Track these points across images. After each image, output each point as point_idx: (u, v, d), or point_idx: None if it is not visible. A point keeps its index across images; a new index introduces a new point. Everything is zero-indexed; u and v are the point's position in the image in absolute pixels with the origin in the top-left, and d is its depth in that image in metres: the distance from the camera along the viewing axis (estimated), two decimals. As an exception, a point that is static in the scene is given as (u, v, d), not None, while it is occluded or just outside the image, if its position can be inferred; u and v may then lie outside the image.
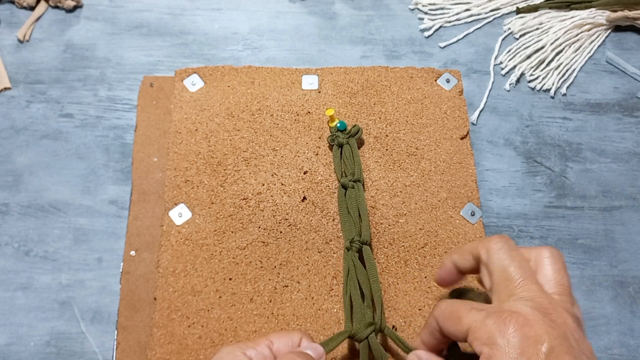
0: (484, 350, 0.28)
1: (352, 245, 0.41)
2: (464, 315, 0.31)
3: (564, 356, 0.27)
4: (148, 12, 0.57)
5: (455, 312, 0.32)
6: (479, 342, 0.29)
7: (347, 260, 0.41)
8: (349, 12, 0.58)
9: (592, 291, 0.45)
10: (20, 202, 0.47)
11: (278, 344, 0.33)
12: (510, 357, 0.27)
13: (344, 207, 0.44)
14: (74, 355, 0.42)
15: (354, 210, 0.43)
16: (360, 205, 0.43)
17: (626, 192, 0.50)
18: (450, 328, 0.32)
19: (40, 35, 0.55)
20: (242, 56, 0.55)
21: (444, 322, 0.32)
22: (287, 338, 0.34)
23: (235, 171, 0.47)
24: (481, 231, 0.45)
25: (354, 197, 0.44)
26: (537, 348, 0.27)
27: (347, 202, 0.44)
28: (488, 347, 0.28)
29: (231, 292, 0.42)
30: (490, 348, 0.28)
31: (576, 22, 0.56)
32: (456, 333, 0.31)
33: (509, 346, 0.28)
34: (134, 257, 0.44)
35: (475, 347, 0.29)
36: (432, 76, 0.52)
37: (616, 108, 0.54)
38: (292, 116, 0.50)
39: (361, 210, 0.43)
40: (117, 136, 0.50)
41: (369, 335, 0.37)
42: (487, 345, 0.28)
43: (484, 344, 0.29)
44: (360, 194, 0.44)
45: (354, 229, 0.43)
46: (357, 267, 0.40)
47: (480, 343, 0.29)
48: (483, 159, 0.51)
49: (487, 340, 0.29)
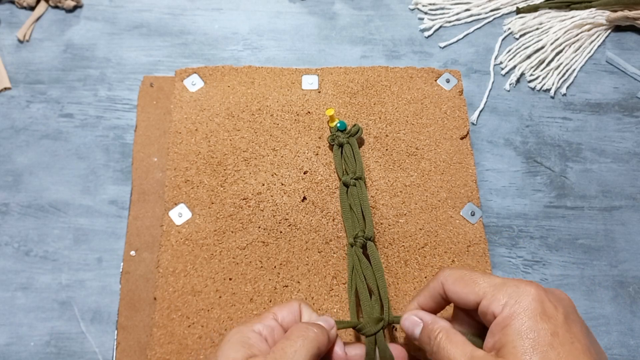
0: (505, 310, 0.30)
1: (356, 241, 0.42)
2: (480, 279, 0.33)
3: (576, 323, 0.30)
4: (148, 12, 0.57)
5: (468, 275, 0.33)
6: (498, 302, 0.31)
7: (352, 256, 0.41)
8: (349, 12, 0.58)
9: (592, 291, 0.45)
10: (20, 202, 0.47)
11: (281, 314, 0.34)
12: (532, 314, 0.29)
13: (346, 205, 0.44)
14: (74, 355, 0.42)
15: (356, 207, 0.43)
16: (362, 202, 0.44)
17: (626, 192, 0.50)
18: (462, 290, 0.33)
19: (40, 35, 0.55)
20: (242, 56, 0.55)
21: (454, 284, 0.33)
22: (288, 308, 0.35)
23: (235, 171, 0.47)
24: (481, 231, 0.45)
25: (356, 195, 0.44)
26: (556, 310, 0.30)
27: (350, 200, 0.44)
28: (509, 306, 0.30)
29: (231, 292, 0.42)
30: (510, 307, 0.30)
31: (576, 22, 0.56)
32: (467, 296, 0.32)
33: (531, 306, 0.30)
34: (134, 257, 0.44)
35: (494, 307, 0.31)
36: (432, 76, 0.52)
37: (616, 108, 0.54)
38: (292, 116, 0.50)
39: (364, 207, 0.43)
40: (117, 136, 0.50)
41: (378, 331, 0.37)
42: (508, 305, 0.30)
43: (505, 304, 0.30)
44: (363, 191, 0.44)
45: (357, 225, 0.43)
46: (362, 262, 0.40)
47: (499, 304, 0.30)
48: (483, 159, 0.51)
49: (508, 300, 0.30)
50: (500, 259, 0.46)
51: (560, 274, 0.46)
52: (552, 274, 0.46)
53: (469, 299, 0.32)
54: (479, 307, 0.32)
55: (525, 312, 0.30)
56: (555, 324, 0.29)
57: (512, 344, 0.29)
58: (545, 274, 0.46)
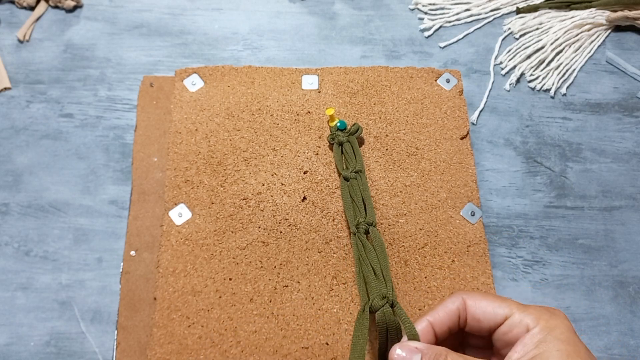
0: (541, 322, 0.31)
1: (359, 228, 0.42)
2: (505, 299, 0.33)
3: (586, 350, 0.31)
4: (148, 12, 0.57)
5: (492, 295, 0.34)
6: (532, 316, 0.31)
7: (356, 244, 0.42)
8: (349, 12, 0.58)
9: (592, 291, 0.45)
10: (20, 202, 0.47)
11: None
12: (568, 329, 0.31)
13: (347, 197, 0.44)
14: (74, 355, 0.42)
15: (357, 197, 0.44)
16: (363, 192, 0.44)
17: (626, 192, 0.50)
18: (491, 304, 0.33)
19: (40, 35, 0.55)
20: (242, 56, 0.55)
21: (479, 300, 0.33)
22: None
23: (235, 171, 0.47)
24: (481, 231, 0.45)
25: (357, 187, 0.44)
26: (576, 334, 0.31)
27: (351, 192, 0.44)
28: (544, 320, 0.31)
29: (231, 292, 0.42)
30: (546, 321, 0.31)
31: (576, 22, 0.56)
32: (496, 310, 0.32)
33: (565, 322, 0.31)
34: (134, 257, 0.44)
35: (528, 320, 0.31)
36: (432, 76, 0.52)
37: (616, 108, 0.54)
38: (292, 116, 0.50)
39: (365, 196, 0.44)
40: (117, 136, 0.50)
41: (383, 306, 0.37)
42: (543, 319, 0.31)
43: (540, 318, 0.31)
44: (364, 182, 0.44)
45: (358, 214, 0.43)
46: (367, 247, 0.41)
47: (533, 317, 0.31)
48: (483, 159, 0.51)
49: (542, 315, 0.31)
50: (500, 259, 0.46)
51: (560, 274, 0.46)
52: (552, 274, 0.46)
53: (498, 313, 0.32)
54: (507, 321, 0.32)
55: (562, 325, 0.31)
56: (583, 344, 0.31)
57: (555, 351, 0.29)
58: (545, 274, 0.46)
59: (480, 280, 0.43)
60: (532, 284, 0.45)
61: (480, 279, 0.43)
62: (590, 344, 0.43)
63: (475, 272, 0.43)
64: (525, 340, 0.31)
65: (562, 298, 0.45)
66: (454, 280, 0.43)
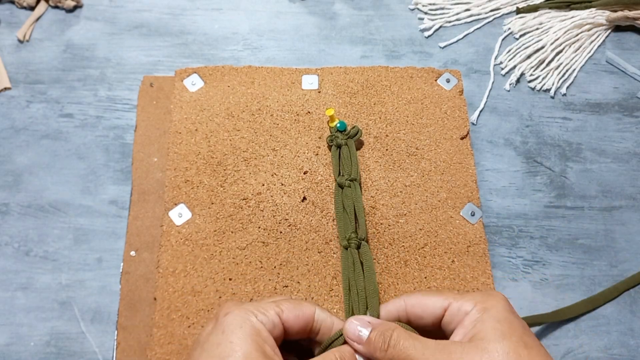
0: (478, 305, 0.32)
1: (350, 243, 0.42)
2: (441, 291, 0.36)
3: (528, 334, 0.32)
4: (148, 12, 0.57)
5: (428, 291, 0.36)
6: (469, 302, 0.32)
7: (346, 260, 0.41)
8: (349, 12, 0.58)
9: (592, 291, 0.45)
10: (20, 202, 0.47)
11: (288, 314, 0.33)
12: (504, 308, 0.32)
13: (340, 206, 0.44)
14: (74, 355, 0.42)
15: (349, 208, 0.43)
16: (356, 203, 0.43)
17: (626, 192, 0.50)
18: (429, 300, 0.34)
19: (40, 35, 0.55)
20: (242, 56, 0.55)
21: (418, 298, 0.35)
22: (298, 310, 0.34)
23: (235, 171, 0.47)
24: (481, 231, 0.45)
25: (350, 196, 0.44)
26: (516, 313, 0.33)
27: (344, 201, 0.44)
28: (481, 303, 0.32)
29: (231, 292, 0.42)
30: (483, 303, 0.32)
31: (576, 22, 0.56)
32: (435, 303, 0.34)
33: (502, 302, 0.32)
34: (134, 257, 0.44)
35: (466, 306, 0.32)
36: (432, 76, 0.52)
37: (616, 108, 0.54)
38: (292, 116, 0.50)
39: (357, 209, 0.43)
40: (117, 136, 0.50)
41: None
42: (480, 302, 0.32)
43: (477, 302, 0.32)
44: (357, 192, 0.44)
45: (349, 227, 0.43)
46: (356, 267, 0.40)
47: (470, 303, 0.32)
48: (483, 159, 0.51)
49: (479, 299, 0.33)
50: (500, 259, 0.46)
51: (560, 274, 0.46)
52: (552, 274, 0.46)
53: (436, 306, 0.33)
54: (447, 311, 0.33)
55: (498, 305, 0.32)
56: (522, 321, 0.32)
57: (490, 328, 0.30)
58: (545, 274, 0.46)
59: (480, 281, 0.43)
60: (532, 284, 0.45)
61: (480, 279, 0.43)
62: (590, 344, 0.43)
63: (475, 272, 0.43)
64: (465, 322, 0.32)
65: (562, 298, 0.45)
66: (454, 280, 0.43)
